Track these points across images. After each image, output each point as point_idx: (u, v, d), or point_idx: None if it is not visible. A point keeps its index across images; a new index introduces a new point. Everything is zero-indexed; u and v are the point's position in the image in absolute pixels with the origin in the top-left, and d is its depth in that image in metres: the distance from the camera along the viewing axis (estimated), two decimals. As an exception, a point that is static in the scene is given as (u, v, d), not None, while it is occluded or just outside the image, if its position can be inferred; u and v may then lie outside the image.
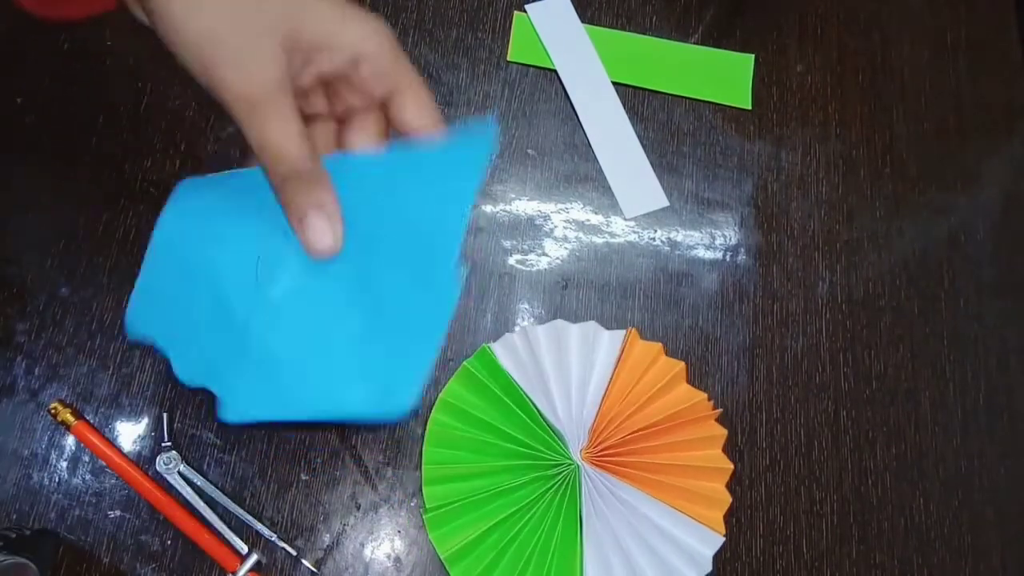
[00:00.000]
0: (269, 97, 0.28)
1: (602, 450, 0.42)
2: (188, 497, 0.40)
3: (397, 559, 0.41)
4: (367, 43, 0.29)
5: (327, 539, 0.41)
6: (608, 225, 0.49)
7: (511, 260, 0.48)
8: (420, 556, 0.41)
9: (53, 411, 0.40)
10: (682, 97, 0.52)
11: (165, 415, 0.41)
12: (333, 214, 0.29)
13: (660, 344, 0.45)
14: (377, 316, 0.31)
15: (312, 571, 0.40)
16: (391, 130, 0.32)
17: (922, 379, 0.49)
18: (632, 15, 0.54)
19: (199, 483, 0.40)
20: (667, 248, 0.49)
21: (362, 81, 0.30)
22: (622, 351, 0.44)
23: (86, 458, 0.41)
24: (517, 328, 0.46)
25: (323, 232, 0.29)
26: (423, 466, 0.42)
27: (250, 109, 0.28)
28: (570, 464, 0.42)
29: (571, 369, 0.44)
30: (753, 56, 0.54)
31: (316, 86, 0.31)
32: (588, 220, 0.49)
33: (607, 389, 0.43)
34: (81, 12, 0.47)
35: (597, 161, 0.50)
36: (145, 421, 0.42)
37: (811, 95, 0.54)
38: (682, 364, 0.45)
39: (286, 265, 0.30)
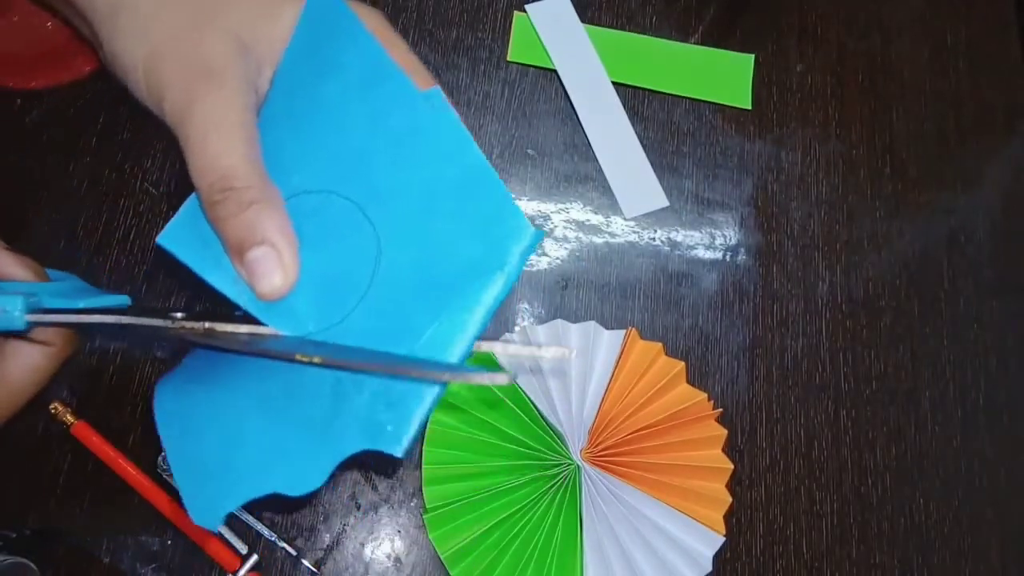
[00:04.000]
0: (206, 100, 0.24)
1: (602, 450, 0.42)
2: (188, 497, 0.40)
3: (397, 559, 0.41)
4: None
5: (327, 539, 0.41)
6: (608, 225, 0.49)
7: (511, 260, 0.48)
8: (420, 556, 0.41)
9: (53, 411, 0.40)
10: (682, 97, 0.52)
11: (165, 415, 0.41)
12: (283, 248, 0.24)
13: (660, 344, 0.45)
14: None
15: (312, 571, 0.40)
16: None
17: (922, 379, 0.49)
18: (632, 15, 0.54)
19: (199, 483, 0.40)
20: (667, 248, 0.49)
21: None
22: (622, 351, 0.44)
23: (86, 458, 0.40)
24: (517, 328, 0.46)
25: (268, 274, 0.24)
26: (423, 466, 0.42)
27: (185, 113, 0.24)
28: (570, 464, 0.42)
29: (571, 369, 0.44)
30: (753, 56, 0.54)
31: None
32: (588, 220, 0.49)
33: (607, 389, 0.43)
34: (52, 80, 0.46)
35: (597, 161, 0.50)
36: (145, 421, 0.41)
37: (811, 95, 0.54)
38: (682, 364, 0.45)
39: None
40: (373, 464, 0.42)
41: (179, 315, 0.27)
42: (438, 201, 0.26)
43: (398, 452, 0.24)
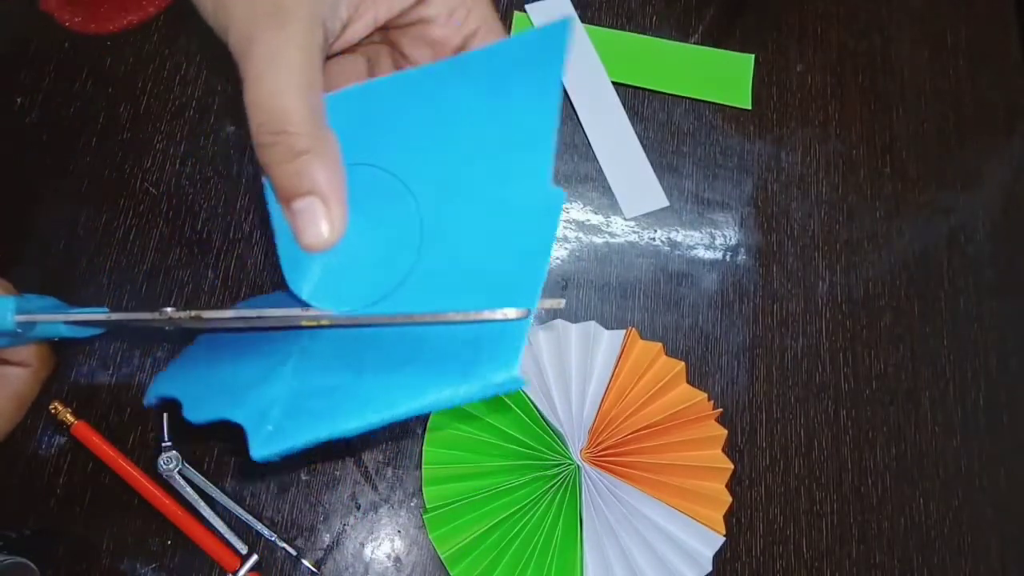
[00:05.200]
0: (268, 37, 0.22)
1: (602, 450, 0.42)
2: (188, 497, 0.40)
3: (397, 559, 0.41)
4: None
5: (327, 539, 0.41)
6: (608, 225, 0.49)
7: (511, 260, 0.48)
8: (420, 556, 0.41)
9: (53, 411, 0.40)
10: (682, 97, 0.52)
11: (165, 415, 0.41)
12: (332, 201, 0.23)
13: (660, 344, 0.45)
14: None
15: (312, 571, 0.40)
16: None
17: (922, 379, 0.49)
18: (632, 15, 0.54)
19: (199, 483, 0.40)
20: (667, 248, 0.49)
21: (428, 30, 0.25)
22: (622, 351, 0.44)
23: (86, 458, 0.40)
24: (517, 328, 0.46)
25: (314, 224, 0.23)
26: (423, 466, 0.42)
27: (246, 47, 0.22)
28: (570, 464, 0.42)
29: (571, 369, 0.44)
30: (753, 56, 0.54)
31: (374, 41, 0.26)
32: (588, 220, 0.49)
33: (607, 389, 0.43)
34: (125, 23, 0.49)
35: (597, 161, 0.50)
36: (145, 421, 0.42)
37: (811, 95, 0.54)
38: (682, 364, 0.45)
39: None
40: (372, 464, 0.42)
41: (169, 309, 0.27)
42: (473, 278, 0.24)
43: (254, 454, 0.23)
